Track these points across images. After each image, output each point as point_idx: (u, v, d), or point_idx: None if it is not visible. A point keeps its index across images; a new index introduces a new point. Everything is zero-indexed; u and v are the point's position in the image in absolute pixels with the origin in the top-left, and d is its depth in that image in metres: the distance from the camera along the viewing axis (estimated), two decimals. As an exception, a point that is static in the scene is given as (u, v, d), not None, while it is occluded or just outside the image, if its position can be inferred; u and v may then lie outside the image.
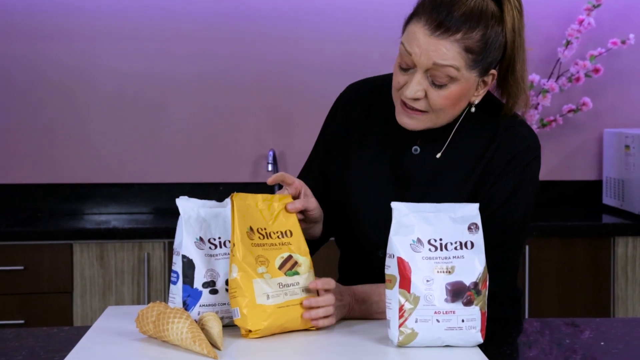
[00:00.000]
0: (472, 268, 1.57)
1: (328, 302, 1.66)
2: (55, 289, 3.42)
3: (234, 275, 1.61)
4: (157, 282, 3.46)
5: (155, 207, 3.95)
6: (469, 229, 1.59)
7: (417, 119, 1.75)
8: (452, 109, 1.75)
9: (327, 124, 1.98)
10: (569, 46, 3.83)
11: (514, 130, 1.81)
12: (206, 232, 1.71)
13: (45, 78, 3.88)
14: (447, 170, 1.82)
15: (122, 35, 3.89)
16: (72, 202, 3.91)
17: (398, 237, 1.57)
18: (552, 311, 3.50)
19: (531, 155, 1.80)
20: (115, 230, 3.45)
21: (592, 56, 3.85)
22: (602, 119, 4.04)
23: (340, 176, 1.91)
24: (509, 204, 1.78)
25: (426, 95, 1.72)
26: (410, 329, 1.56)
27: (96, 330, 1.69)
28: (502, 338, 1.71)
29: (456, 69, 1.69)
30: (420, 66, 1.70)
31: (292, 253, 1.68)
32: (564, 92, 3.93)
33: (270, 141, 3.97)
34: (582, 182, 4.06)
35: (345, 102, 1.95)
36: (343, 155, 1.91)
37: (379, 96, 1.90)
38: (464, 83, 1.72)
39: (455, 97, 1.72)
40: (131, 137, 3.93)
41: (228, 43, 3.92)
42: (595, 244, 3.51)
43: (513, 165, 1.79)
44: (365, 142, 1.89)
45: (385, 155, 1.86)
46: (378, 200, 1.84)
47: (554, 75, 3.91)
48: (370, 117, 1.90)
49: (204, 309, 1.69)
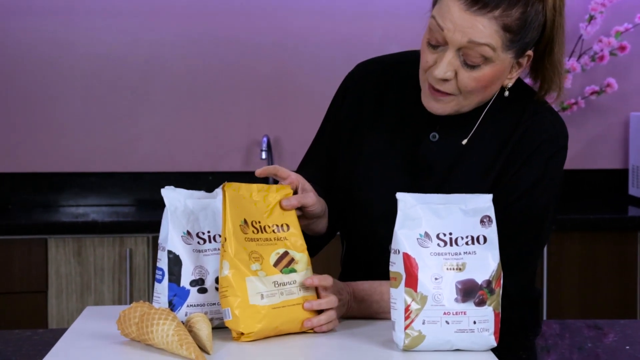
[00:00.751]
0: (485, 265, 1.58)
1: (330, 305, 1.66)
2: (28, 288, 3.43)
3: (225, 272, 1.61)
4: (140, 281, 3.46)
5: (138, 199, 3.95)
6: (481, 222, 1.59)
7: (443, 102, 1.76)
8: (481, 93, 1.75)
9: (335, 105, 1.97)
10: (592, 21, 3.83)
11: (542, 117, 1.82)
12: (194, 225, 1.71)
13: (14, 57, 3.87)
14: (469, 158, 1.82)
15: (101, 10, 3.88)
16: (46, 193, 3.92)
17: (404, 231, 1.58)
18: (573, 312, 3.51)
19: (558, 145, 1.81)
20: (94, 224, 3.46)
21: (617, 32, 3.85)
22: (628, 102, 4.04)
23: (350, 164, 1.91)
24: (530, 196, 1.79)
25: (456, 76, 1.72)
26: (417, 331, 1.56)
27: (73, 333, 1.69)
28: (518, 341, 1.72)
29: (492, 48, 1.69)
30: (453, 44, 1.69)
31: (289, 249, 1.68)
32: (587, 72, 3.93)
33: (265, 126, 3.97)
34: (606, 171, 4.07)
35: (356, 82, 1.95)
36: (353, 141, 1.91)
37: (393, 77, 1.91)
38: (499, 65, 1.72)
39: (487, 80, 1.73)
40: (111, 122, 3.93)
41: (217, 17, 3.92)
42: (621, 238, 3.52)
43: (538, 154, 1.79)
44: (377, 127, 1.89)
45: (400, 142, 1.87)
46: (391, 191, 1.84)
47: (576, 53, 3.91)
48: (384, 100, 1.90)
49: (191, 309, 1.69)
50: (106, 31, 3.90)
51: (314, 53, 3.94)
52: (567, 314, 3.50)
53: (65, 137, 3.91)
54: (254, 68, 3.95)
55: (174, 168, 3.97)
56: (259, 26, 3.93)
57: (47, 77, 3.89)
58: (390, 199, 1.83)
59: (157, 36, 3.91)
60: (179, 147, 3.96)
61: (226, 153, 3.98)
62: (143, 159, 3.95)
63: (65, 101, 3.91)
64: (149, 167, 3.96)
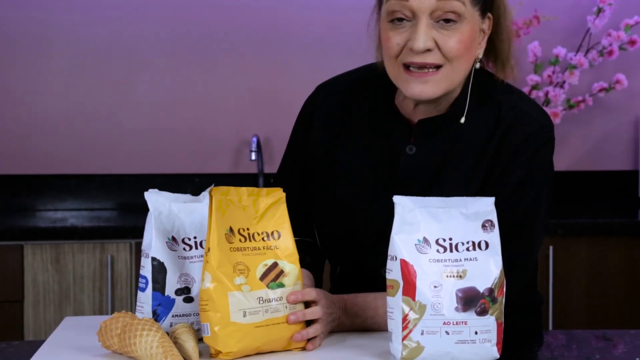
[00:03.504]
0: (487, 272, 1.58)
1: (315, 316, 1.66)
2: (3, 297, 3.43)
3: (207, 285, 1.59)
4: (123, 289, 3.46)
5: (119, 202, 3.95)
6: (482, 226, 1.60)
7: (432, 81, 1.76)
8: (466, 58, 1.78)
9: (301, 131, 1.99)
10: (601, 14, 3.84)
11: (520, 110, 1.84)
12: (179, 230, 1.71)
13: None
14: (451, 167, 1.84)
15: (81, 4, 3.88)
16: (22, 197, 3.92)
17: (401, 236, 1.58)
18: (580, 322, 3.52)
19: (543, 137, 1.83)
20: (73, 229, 3.46)
21: (627, 26, 3.87)
22: (638, 100, 4.05)
23: (327, 191, 1.92)
24: (519, 193, 1.80)
25: (437, 46, 1.74)
26: (416, 342, 1.56)
27: (51, 345, 1.69)
28: (522, 353, 1.72)
29: (462, 2, 1.74)
30: (424, 9, 1.73)
31: (278, 260, 1.65)
32: (595, 68, 3.94)
33: (254, 125, 3.97)
34: (615, 173, 4.08)
35: (321, 106, 1.96)
36: (327, 165, 1.93)
37: (358, 94, 1.93)
38: (471, 22, 1.76)
39: (467, 40, 1.76)
40: (92, 121, 3.93)
41: (204, 10, 3.93)
42: (630, 243, 3.53)
43: (523, 149, 1.81)
44: (351, 148, 1.91)
45: (378, 160, 1.88)
46: (375, 214, 1.85)
47: (583, 48, 3.92)
48: (352, 119, 1.92)
49: (177, 319, 1.69)
50: (86, 26, 3.90)
51: (303, 50, 3.94)
52: (574, 323, 3.51)
53: (42, 137, 3.91)
54: (243, 65, 3.95)
55: (158, 170, 3.97)
56: (247, 23, 3.93)
57: (24, 74, 3.89)
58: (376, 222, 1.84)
59: (140, 32, 3.91)
60: (164, 148, 3.96)
61: (213, 154, 3.98)
62: (125, 161, 3.95)
63: (44, 100, 3.91)
64: (131, 169, 3.96)
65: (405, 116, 1.87)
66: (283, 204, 1.69)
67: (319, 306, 1.67)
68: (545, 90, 3.87)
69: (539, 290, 1.99)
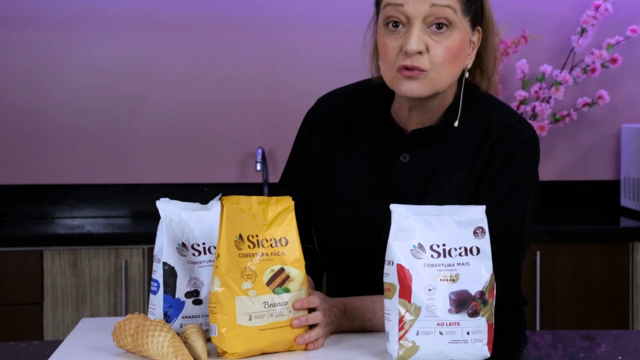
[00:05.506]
0: (478, 276, 1.58)
1: (315, 321, 1.66)
2: (24, 300, 3.42)
3: (216, 288, 1.59)
4: (136, 292, 3.46)
5: (133, 210, 3.95)
6: (474, 233, 1.60)
7: (420, 80, 1.77)
8: (451, 65, 1.77)
9: (302, 142, 1.99)
10: (584, 34, 3.84)
11: (507, 123, 1.84)
12: (189, 237, 1.71)
13: (8, 68, 3.87)
14: (443, 175, 1.83)
15: (98, 22, 3.88)
16: (42, 205, 3.91)
17: (397, 243, 1.58)
18: (566, 323, 3.51)
19: (529, 149, 1.83)
20: (90, 236, 3.45)
21: (609, 45, 3.87)
22: (620, 114, 4.05)
23: (326, 198, 1.92)
24: (506, 202, 1.80)
25: (427, 50, 1.75)
26: (411, 342, 1.56)
27: (69, 345, 1.69)
28: (511, 352, 1.72)
29: (453, 10, 1.74)
30: (417, 15, 1.74)
31: (285, 265, 1.64)
32: (579, 84, 3.94)
33: (259, 138, 3.97)
34: (598, 183, 4.08)
35: (320, 118, 1.96)
36: (326, 174, 1.92)
37: (355, 106, 1.93)
38: (462, 31, 1.77)
39: (455, 49, 1.76)
40: (107, 134, 3.93)
41: (213, 32, 3.93)
42: (613, 249, 3.52)
43: (510, 161, 1.81)
44: (349, 157, 1.91)
45: (374, 168, 1.88)
46: (371, 220, 1.85)
47: (568, 65, 3.92)
48: (351, 131, 1.92)
49: (186, 320, 1.69)
50: (102, 46, 3.89)
51: (306, 67, 3.94)
52: (559, 324, 3.50)
53: (60, 149, 3.91)
54: (249, 82, 3.95)
55: (169, 180, 3.96)
56: (254, 43, 3.93)
57: (44, 91, 3.89)
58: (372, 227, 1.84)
59: (152, 50, 3.91)
60: (174, 159, 3.96)
61: (221, 165, 3.98)
62: (138, 171, 3.95)
63: (61, 114, 3.90)
64: (144, 178, 3.95)
65: (400, 126, 1.87)
66: (291, 212, 1.68)
67: (320, 311, 1.67)
68: (532, 105, 3.87)
69: (525, 292, 1.98)
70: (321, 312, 1.67)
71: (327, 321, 1.69)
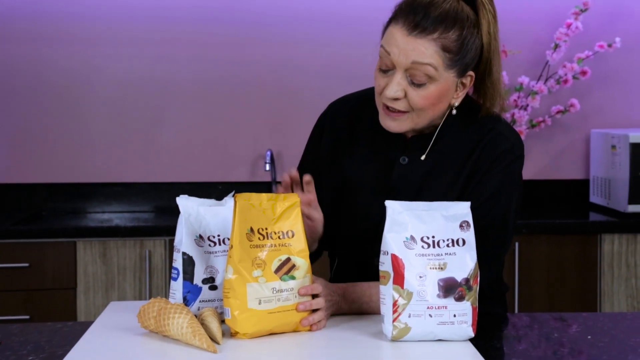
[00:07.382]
0: (464, 264, 1.58)
1: (318, 306, 1.66)
2: (60, 285, 3.42)
3: (229, 276, 1.59)
4: (158, 279, 3.45)
5: (156, 206, 3.95)
6: (460, 226, 1.59)
7: (399, 120, 1.76)
8: (432, 109, 1.75)
9: (314, 142, 1.98)
10: (558, 49, 3.83)
11: (497, 131, 1.82)
12: (206, 230, 1.71)
13: (48, 80, 3.87)
14: (436, 176, 1.83)
15: (123, 39, 3.88)
16: (75, 201, 3.91)
17: (392, 235, 1.57)
18: (541, 306, 3.51)
19: (514, 154, 1.81)
20: (118, 228, 3.45)
21: (579, 59, 3.86)
22: (589, 120, 4.05)
23: (333, 192, 1.91)
24: (491, 201, 1.79)
25: (406, 95, 1.73)
26: (404, 323, 1.56)
27: (99, 325, 1.69)
28: (492, 332, 1.71)
29: (434, 67, 1.70)
30: (400, 65, 1.71)
31: (291, 255, 1.64)
32: (553, 93, 3.94)
33: (268, 141, 3.97)
34: (569, 181, 4.07)
35: (330, 119, 1.96)
36: (334, 171, 1.92)
37: (362, 110, 1.92)
38: (443, 83, 1.73)
39: (434, 97, 1.73)
40: (132, 138, 3.93)
41: (227, 46, 3.92)
42: (583, 241, 3.51)
43: (496, 164, 1.79)
44: (354, 156, 1.90)
45: (376, 168, 1.87)
46: (372, 215, 1.84)
47: (543, 77, 3.91)
48: (357, 132, 1.91)
49: (203, 304, 1.69)
50: (128, 57, 3.89)
51: (310, 78, 3.94)
52: (536, 307, 3.50)
53: (91, 151, 3.91)
54: (259, 91, 3.95)
55: (188, 178, 3.96)
56: (264, 55, 3.93)
57: (78, 99, 3.89)
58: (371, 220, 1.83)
59: (174, 62, 3.91)
60: (193, 160, 3.96)
61: (234, 165, 3.97)
62: (161, 171, 3.95)
63: (92, 120, 3.90)
64: (166, 177, 3.95)
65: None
66: (298, 207, 1.67)
67: (322, 296, 1.67)
68: (512, 112, 3.86)
69: (506, 280, 1.97)
70: (323, 298, 1.67)
71: (329, 305, 1.69)
